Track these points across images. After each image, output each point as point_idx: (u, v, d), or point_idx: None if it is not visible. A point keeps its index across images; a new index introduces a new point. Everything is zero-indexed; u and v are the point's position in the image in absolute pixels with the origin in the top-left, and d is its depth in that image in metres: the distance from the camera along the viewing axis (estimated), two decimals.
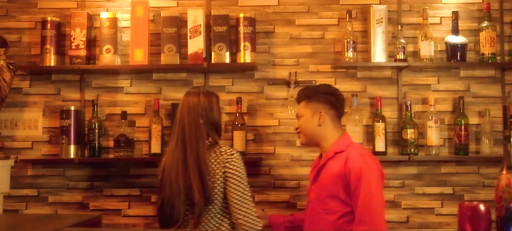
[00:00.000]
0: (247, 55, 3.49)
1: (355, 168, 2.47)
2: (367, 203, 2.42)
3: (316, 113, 2.67)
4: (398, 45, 3.51)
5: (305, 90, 2.75)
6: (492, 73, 3.61)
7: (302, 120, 2.72)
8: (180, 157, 2.50)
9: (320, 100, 2.68)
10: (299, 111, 2.74)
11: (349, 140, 2.69)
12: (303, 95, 2.73)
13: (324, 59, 3.63)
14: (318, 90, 2.71)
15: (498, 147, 3.55)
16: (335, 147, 2.62)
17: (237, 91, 3.61)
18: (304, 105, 2.72)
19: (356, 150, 2.58)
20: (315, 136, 2.69)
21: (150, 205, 3.59)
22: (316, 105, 2.68)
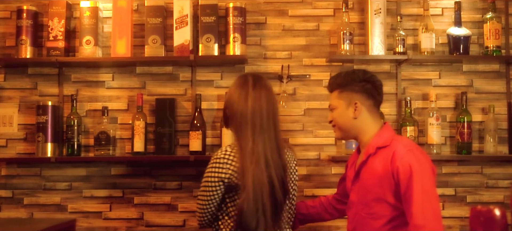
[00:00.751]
0: (236, 48, 3.28)
1: (404, 165, 2.20)
2: (421, 205, 2.14)
3: (351, 105, 2.41)
4: (397, 38, 3.31)
5: (337, 78, 2.47)
6: (497, 68, 3.41)
7: (336, 112, 2.45)
8: (261, 151, 2.30)
9: (355, 89, 2.41)
10: (332, 102, 2.47)
11: (392, 131, 2.43)
12: (335, 84, 2.45)
13: (319, 52, 3.42)
14: (352, 77, 2.43)
15: (503, 146, 3.36)
16: (377, 141, 2.36)
17: (227, 86, 3.39)
18: (337, 96, 2.44)
19: (402, 144, 2.30)
20: (352, 129, 2.43)
21: (132, 207, 3.36)
22: (350, 96, 2.41)
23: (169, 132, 3.30)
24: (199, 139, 3.25)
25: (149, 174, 3.39)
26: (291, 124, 3.40)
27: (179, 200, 3.37)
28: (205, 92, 3.39)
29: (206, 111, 3.38)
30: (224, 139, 3.24)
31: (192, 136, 3.25)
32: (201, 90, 3.39)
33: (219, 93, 3.39)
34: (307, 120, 3.39)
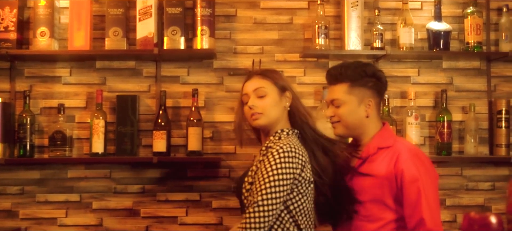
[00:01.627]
0: (204, 41, 3.06)
1: (410, 170, 2.08)
2: (430, 211, 2.05)
3: (364, 103, 2.20)
4: (375, 32, 3.13)
5: (346, 69, 2.21)
6: (477, 65, 3.26)
7: (344, 108, 2.22)
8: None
9: (368, 85, 2.21)
10: (339, 97, 2.22)
11: (392, 132, 2.29)
12: (345, 76, 2.20)
13: (292, 47, 3.22)
14: (364, 70, 2.21)
15: (483, 146, 3.21)
16: (378, 142, 2.20)
17: (193, 82, 3.17)
18: (347, 90, 2.21)
19: (407, 148, 2.17)
20: (358, 128, 2.24)
21: (91, 212, 3.11)
22: (363, 92, 2.20)
23: (131, 131, 3.06)
24: (164, 139, 3.02)
25: (109, 177, 3.14)
26: None
27: (141, 205, 3.13)
28: (171, 89, 3.16)
29: (172, 110, 3.14)
30: (190, 139, 3.01)
31: (156, 136, 3.02)
32: (166, 86, 3.16)
33: (185, 90, 3.16)
34: None
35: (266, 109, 2.21)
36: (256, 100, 2.22)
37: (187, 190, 3.15)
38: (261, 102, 2.21)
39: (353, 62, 2.26)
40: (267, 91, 2.22)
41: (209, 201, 3.15)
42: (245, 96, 2.26)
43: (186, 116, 3.12)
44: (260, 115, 2.21)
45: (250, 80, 2.27)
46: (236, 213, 3.09)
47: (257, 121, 2.22)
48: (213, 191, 3.15)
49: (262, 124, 2.22)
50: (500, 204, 3.21)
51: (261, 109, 2.21)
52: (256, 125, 2.25)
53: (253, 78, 2.27)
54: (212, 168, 3.16)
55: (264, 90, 2.22)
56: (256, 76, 2.27)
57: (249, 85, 2.26)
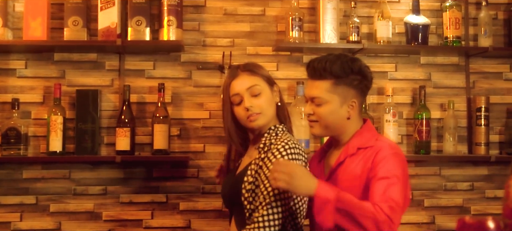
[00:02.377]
0: (171, 32, 2.87)
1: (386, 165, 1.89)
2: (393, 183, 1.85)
3: (347, 103, 1.99)
4: (351, 25, 2.99)
5: (332, 63, 1.97)
6: (456, 61, 3.15)
7: (325, 108, 2.00)
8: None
9: (353, 84, 1.99)
10: (321, 95, 1.99)
11: (374, 131, 2.09)
12: (331, 71, 1.97)
13: (265, 39, 3.05)
14: (351, 68, 1.99)
15: (462, 145, 3.10)
16: (358, 141, 2.01)
17: (160, 76, 2.98)
18: (330, 89, 1.98)
19: (388, 145, 1.98)
20: (337, 129, 2.04)
21: (48, 215, 2.89)
22: (347, 92, 1.99)
23: (92, 128, 2.85)
24: (127, 136, 2.82)
25: (68, 178, 2.93)
26: None
27: (103, 208, 2.92)
28: (135, 83, 2.96)
29: (136, 105, 2.95)
30: (156, 137, 2.82)
31: (119, 133, 2.82)
32: (130, 81, 2.95)
33: (151, 85, 2.96)
34: None
35: (264, 108, 2.06)
36: (252, 100, 2.05)
37: (152, 191, 2.95)
38: (257, 101, 2.05)
39: (338, 56, 2.02)
40: (261, 89, 2.07)
41: (176, 203, 2.96)
42: (235, 96, 2.08)
43: (151, 112, 2.92)
44: (258, 115, 2.05)
45: (238, 78, 2.09)
46: (205, 215, 2.94)
47: (256, 122, 2.06)
48: (181, 192, 2.96)
49: (262, 124, 2.07)
50: (479, 204, 3.10)
51: (258, 109, 2.05)
52: (255, 126, 2.08)
53: (241, 76, 2.09)
54: (180, 168, 2.97)
55: (258, 88, 2.06)
56: (243, 73, 2.09)
57: (239, 84, 2.08)
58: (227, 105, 2.12)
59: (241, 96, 2.06)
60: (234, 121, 2.12)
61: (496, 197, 3.11)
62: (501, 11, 3.18)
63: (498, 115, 3.13)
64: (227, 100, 2.11)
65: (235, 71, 2.12)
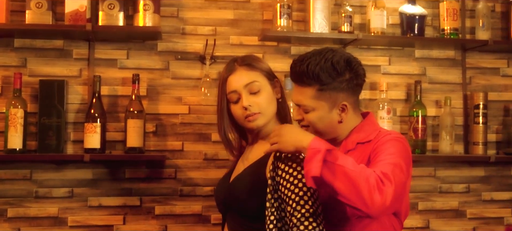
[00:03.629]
0: (148, 18, 2.59)
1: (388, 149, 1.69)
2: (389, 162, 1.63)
3: (337, 107, 1.79)
4: (343, 14, 2.77)
5: (314, 67, 1.75)
6: (452, 55, 2.96)
7: (313, 114, 1.80)
8: None
9: (341, 87, 1.77)
10: (307, 103, 1.79)
11: (376, 124, 1.89)
12: (313, 77, 1.75)
13: (249, 28, 2.81)
14: (337, 70, 1.76)
15: (458, 144, 2.91)
16: (358, 136, 1.82)
17: (134, 67, 2.70)
18: (315, 95, 1.77)
19: (390, 134, 1.79)
20: (331, 133, 1.84)
21: (5, 221, 2.59)
22: (336, 96, 1.77)
23: (57, 123, 2.55)
24: (97, 133, 2.53)
25: (29, 179, 2.62)
26: (214, 115, 2.68)
27: (69, 212, 2.62)
28: (106, 74, 2.67)
29: (107, 98, 2.66)
30: (130, 133, 2.54)
31: (88, 129, 2.52)
32: (100, 71, 2.67)
33: (124, 76, 2.68)
34: None
35: (263, 107, 1.85)
36: (250, 98, 1.83)
37: (125, 193, 2.67)
38: (257, 99, 1.84)
39: (323, 54, 1.77)
40: (261, 86, 1.85)
41: (151, 206, 2.68)
42: (232, 94, 1.86)
43: (124, 106, 2.65)
44: (257, 115, 1.84)
45: (235, 73, 1.87)
46: (183, 220, 2.69)
47: (255, 122, 1.85)
48: (156, 195, 2.68)
49: (261, 124, 1.86)
50: (476, 208, 2.92)
51: (258, 108, 1.84)
52: (254, 127, 1.87)
53: (239, 71, 1.87)
54: (155, 168, 2.69)
55: (258, 84, 1.85)
56: (241, 68, 1.88)
57: (236, 80, 1.86)
58: (223, 103, 1.90)
59: (239, 94, 1.85)
60: (231, 120, 1.91)
61: (493, 199, 2.93)
62: (499, 4, 3.01)
63: (495, 113, 2.96)
64: (223, 97, 1.90)
65: (232, 65, 1.90)
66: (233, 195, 1.83)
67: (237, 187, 1.83)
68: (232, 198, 1.83)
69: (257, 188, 1.75)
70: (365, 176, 1.54)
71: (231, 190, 1.85)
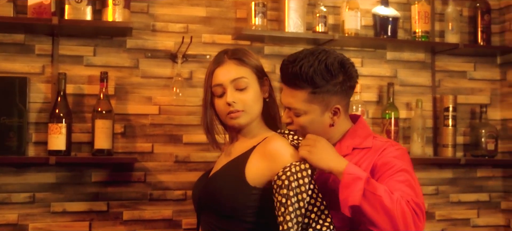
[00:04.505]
0: (118, 13, 2.46)
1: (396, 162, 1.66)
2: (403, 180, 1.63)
3: (329, 110, 1.74)
4: (317, 15, 2.73)
5: (308, 69, 1.69)
6: (422, 58, 2.98)
7: (304, 118, 1.74)
8: None
9: (335, 90, 1.72)
10: (298, 106, 1.73)
11: (369, 129, 1.85)
12: (307, 80, 1.69)
13: (222, 27, 2.72)
14: (331, 72, 1.70)
15: (428, 147, 2.92)
16: (353, 141, 1.78)
17: (101, 64, 2.56)
18: (307, 98, 1.71)
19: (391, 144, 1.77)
20: (324, 136, 1.76)
21: None
22: (328, 99, 1.72)
23: (18, 123, 2.40)
24: (63, 133, 2.38)
25: None
26: (186, 116, 2.65)
27: (30, 219, 2.46)
28: (72, 71, 2.52)
29: (73, 97, 2.52)
30: (98, 135, 2.40)
31: (53, 130, 2.37)
32: (65, 68, 2.51)
33: (91, 74, 2.54)
34: None
35: (248, 105, 1.74)
36: (235, 94, 1.72)
37: (91, 198, 2.52)
38: (242, 96, 1.73)
39: (313, 57, 1.71)
40: (248, 82, 1.74)
41: (119, 211, 2.54)
42: (218, 87, 1.75)
43: (90, 106, 2.51)
44: (240, 113, 1.73)
45: (223, 66, 1.76)
46: (153, 226, 2.58)
47: (237, 120, 1.74)
48: (125, 199, 2.55)
49: (243, 123, 1.75)
50: (444, 210, 2.95)
51: (242, 105, 1.73)
52: (235, 124, 1.76)
53: (227, 65, 1.76)
54: (124, 171, 2.56)
55: (245, 81, 1.74)
56: (230, 61, 1.76)
57: (223, 73, 1.75)
58: (208, 95, 1.78)
59: (224, 88, 1.74)
60: (215, 114, 1.80)
61: (460, 201, 2.97)
62: (466, 8, 3.05)
63: (462, 116, 2.99)
64: (208, 90, 1.78)
65: (221, 57, 1.79)
66: (208, 193, 1.73)
67: (214, 184, 1.73)
68: (207, 195, 1.73)
69: (234, 186, 1.67)
70: (401, 210, 1.52)
71: (207, 187, 1.75)
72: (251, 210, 1.66)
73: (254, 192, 1.65)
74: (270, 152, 1.67)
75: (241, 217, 1.66)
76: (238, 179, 1.67)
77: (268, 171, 1.65)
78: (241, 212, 1.66)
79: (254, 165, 1.68)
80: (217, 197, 1.69)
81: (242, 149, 1.75)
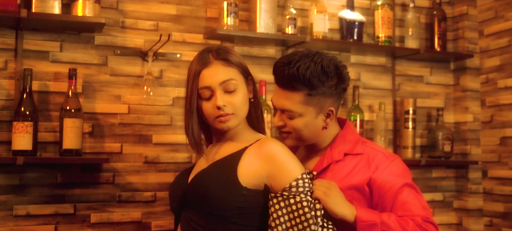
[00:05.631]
0: (88, 8, 2.36)
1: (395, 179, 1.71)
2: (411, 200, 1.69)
3: (323, 112, 1.74)
4: (287, 17, 2.75)
5: (305, 71, 1.68)
6: (383, 62, 3.07)
7: (299, 121, 1.73)
8: None
9: (329, 92, 1.72)
10: (294, 108, 1.72)
11: (356, 133, 1.88)
12: (304, 81, 1.68)
13: (193, 26, 2.68)
14: (328, 74, 1.70)
15: (389, 148, 3.02)
16: (344, 146, 1.78)
17: (68, 61, 2.46)
18: (304, 100, 1.71)
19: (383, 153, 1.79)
20: (313, 139, 1.79)
21: None
22: (323, 101, 1.72)
23: None
24: (29, 133, 2.26)
25: None
26: (156, 116, 2.59)
27: None
28: (37, 67, 2.40)
29: (39, 95, 2.40)
30: (67, 134, 2.30)
31: (19, 129, 2.24)
32: (30, 64, 2.39)
33: (57, 71, 2.43)
34: (176, 111, 2.62)
35: (237, 108, 1.69)
36: (225, 97, 1.67)
37: (57, 200, 2.41)
38: (231, 99, 1.68)
39: (308, 59, 1.71)
40: (237, 85, 1.69)
41: (86, 214, 2.44)
42: (205, 90, 1.68)
43: (56, 104, 2.41)
44: (230, 117, 1.68)
45: (210, 67, 1.69)
46: (121, 228, 2.52)
47: (226, 124, 1.69)
48: (92, 202, 2.46)
49: (233, 126, 1.71)
50: None
51: (232, 109, 1.68)
52: (225, 128, 1.70)
53: (214, 65, 1.69)
54: (92, 172, 2.46)
55: (234, 83, 1.68)
56: (216, 62, 1.69)
57: (211, 75, 1.68)
58: (193, 98, 1.70)
59: (213, 91, 1.68)
60: (200, 117, 1.73)
61: None
62: (423, 15, 3.18)
63: (420, 118, 3.11)
64: (194, 92, 1.70)
65: (206, 58, 1.71)
66: (196, 189, 1.67)
67: (202, 181, 1.67)
68: (195, 192, 1.67)
69: (225, 185, 1.64)
70: None
71: (195, 184, 1.69)
72: (239, 210, 1.63)
73: (245, 193, 1.62)
74: (268, 153, 1.64)
75: (229, 216, 1.63)
76: (230, 178, 1.64)
77: (265, 171, 1.63)
78: (229, 212, 1.62)
79: (248, 165, 1.65)
80: (206, 194, 1.64)
81: (230, 149, 1.71)
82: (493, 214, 3.08)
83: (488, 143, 3.12)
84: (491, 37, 3.11)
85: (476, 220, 3.12)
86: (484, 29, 3.16)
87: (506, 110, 3.02)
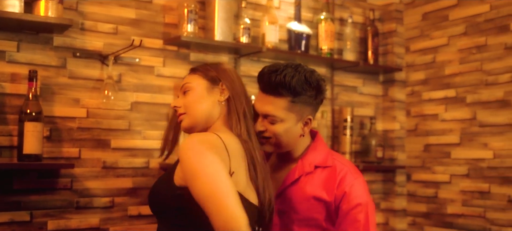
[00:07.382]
0: (51, 8, 2.28)
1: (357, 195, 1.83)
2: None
3: (302, 120, 1.84)
4: (241, 26, 2.83)
5: (291, 78, 1.77)
6: (324, 72, 3.26)
7: (281, 126, 1.82)
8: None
9: (309, 101, 1.83)
10: (278, 113, 1.80)
11: (326, 145, 1.98)
12: (289, 88, 1.77)
13: (151, 30, 2.68)
14: (310, 83, 1.81)
15: None
16: (315, 158, 1.89)
17: (26, 62, 2.35)
18: (288, 106, 1.80)
19: (349, 169, 1.89)
20: (289, 146, 1.89)
21: None
22: (303, 109, 1.83)
23: None
24: None
25: None
26: (114, 120, 2.55)
27: None
28: None
29: None
30: (28, 138, 2.21)
31: None
32: None
33: (14, 71, 2.32)
34: (134, 116, 2.60)
35: (189, 107, 1.75)
36: (180, 99, 1.78)
37: (12, 207, 2.30)
38: (184, 100, 1.77)
39: (295, 67, 1.82)
40: (191, 86, 1.77)
41: (43, 221, 2.36)
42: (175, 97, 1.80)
43: (13, 107, 2.30)
44: (182, 116, 1.76)
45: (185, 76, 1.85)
46: None
47: (181, 123, 1.77)
48: (49, 208, 2.37)
49: (186, 125, 1.76)
50: None
51: (184, 109, 1.75)
52: (182, 127, 1.78)
53: (185, 77, 1.84)
54: (49, 178, 2.38)
55: (189, 85, 1.77)
56: (188, 73, 1.84)
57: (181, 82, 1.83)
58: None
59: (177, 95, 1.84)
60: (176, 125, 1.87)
61: None
62: (358, 30, 3.42)
63: (354, 126, 3.33)
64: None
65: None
66: (149, 198, 1.74)
67: (152, 190, 1.74)
68: (149, 201, 1.74)
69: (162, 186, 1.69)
70: None
71: (149, 193, 1.75)
72: (179, 211, 1.63)
73: (179, 192, 1.62)
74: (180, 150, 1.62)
75: (170, 217, 1.66)
76: (168, 179, 1.68)
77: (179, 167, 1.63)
78: (170, 213, 1.66)
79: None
80: (149, 198, 1.73)
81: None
82: (416, 214, 3.39)
83: (413, 149, 3.43)
84: (417, 53, 3.42)
85: (401, 220, 3.41)
86: (410, 45, 3.46)
87: (430, 120, 3.34)
